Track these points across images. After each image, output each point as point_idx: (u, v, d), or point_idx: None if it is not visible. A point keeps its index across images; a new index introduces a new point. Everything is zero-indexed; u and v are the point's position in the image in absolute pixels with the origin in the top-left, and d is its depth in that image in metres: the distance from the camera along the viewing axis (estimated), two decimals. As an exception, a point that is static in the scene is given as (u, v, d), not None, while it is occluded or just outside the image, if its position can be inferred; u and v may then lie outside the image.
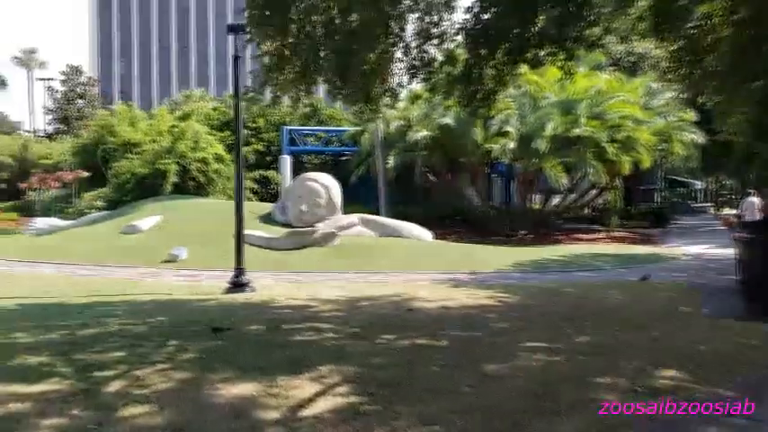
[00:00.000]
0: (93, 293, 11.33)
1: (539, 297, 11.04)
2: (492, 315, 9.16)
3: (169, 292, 11.58)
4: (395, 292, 11.27)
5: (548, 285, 12.80)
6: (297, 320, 8.53)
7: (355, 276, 14.31)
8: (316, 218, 19.26)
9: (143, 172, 26.77)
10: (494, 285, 12.76)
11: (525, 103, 23.85)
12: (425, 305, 9.93)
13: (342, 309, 9.59)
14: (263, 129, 34.88)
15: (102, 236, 19.54)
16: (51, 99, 53.94)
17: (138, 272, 15.07)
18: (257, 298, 10.51)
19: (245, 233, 18.16)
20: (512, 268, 15.98)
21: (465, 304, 10.06)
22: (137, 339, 7.40)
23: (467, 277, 14.36)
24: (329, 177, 20.94)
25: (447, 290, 11.90)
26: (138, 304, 10.04)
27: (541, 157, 22.63)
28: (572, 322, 8.61)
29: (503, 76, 10.08)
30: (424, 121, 24.61)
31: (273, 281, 13.63)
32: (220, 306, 9.79)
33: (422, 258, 16.64)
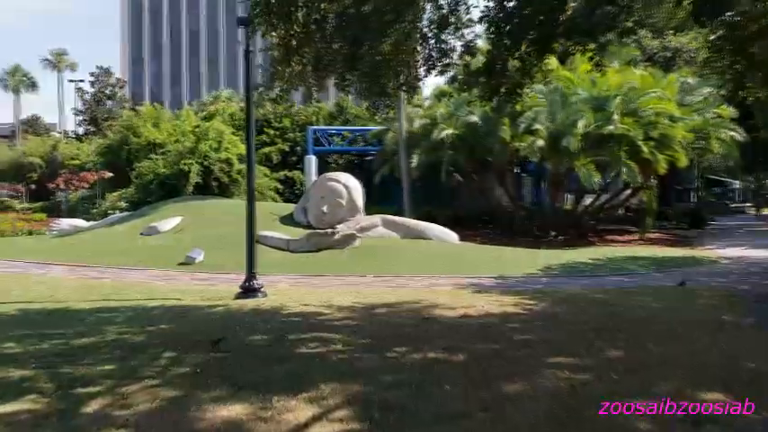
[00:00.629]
0: (102, 298, 10.94)
1: (567, 304, 10.34)
2: (515, 325, 8.50)
3: (179, 296, 11.13)
4: (414, 299, 10.66)
5: (577, 291, 12.08)
6: (305, 330, 7.98)
7: (374, 280, 13.74)
8: (337, 219, 18.72)
9: (166, 172, 26.61)
10: (520, 291, 12.08)
11: (555, 99, 23.01)
12: (444, 313, 9.30)
13: (355, 317, 9.01)
14: (289, 129, 34.54)
15: (121, 237, 19.28)
16: (81, 100, 54.39)
17: (153, 275, 14.69)
18: (268, 304, 9.99)
19: (263, 234, 17.88)
20: (540, 272, 15.26)
21: (487, 312, 9.40)
22: (132, 350, 6.93)
23: (492, 282, 13.69)
24: (351, 177, 20.40)
25: (469, 296, 11.25)
26: (144, 310, 9.59)
27: (572, 156, 21.80)
28: (602, 334, 7.92)
29: (528, 69, 9.42)
30: (449, 119, 23.92)
31: (288, 285, 13.13)
32: (228, 313, 9.29)
33: (445, 261, 16.00)
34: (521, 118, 22.04)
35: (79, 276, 14.36)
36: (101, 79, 54.60)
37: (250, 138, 11.34)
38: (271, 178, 29.95)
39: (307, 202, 20.01)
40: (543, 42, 8.94)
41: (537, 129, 22.06)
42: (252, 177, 11.44)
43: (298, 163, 32.54)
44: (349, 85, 8.13)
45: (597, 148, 22.31)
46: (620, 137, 21.94)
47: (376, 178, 27.38)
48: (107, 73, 55.43)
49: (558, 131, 22.10)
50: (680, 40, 29.59)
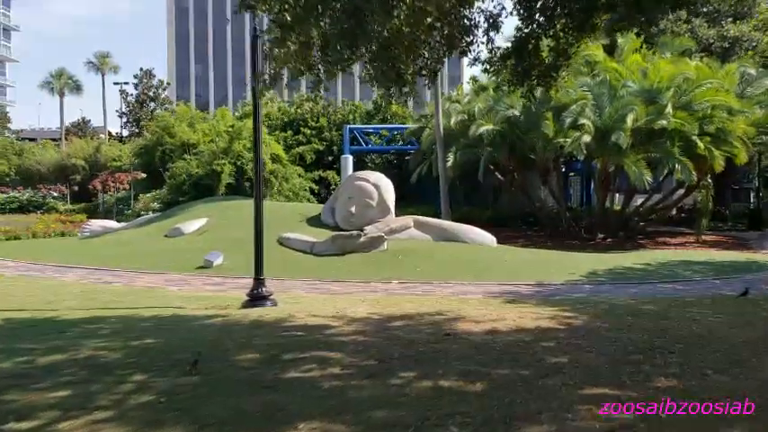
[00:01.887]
0: (100, 306, 10.17)
1: (612, 318, 9.07)
2: (549, 344, 7.31)
3: (183, 304, 10.28)
4: (438, 309, 9.55)
5: (624, 302, 10.79)
6: (305, 347, 6.97)
7: (399, 287, 12.68)
8: (365, 220, 17.69)
9: (199, 173, 26.08)
10: (559, 301, 10.86)
11: (602, 92, 21.58)
12: (469, 328, 8.16)
13: (366, 331, 7.96)
14: (325, 128, 33.76)
15: (145, 239, 18.68)
16: (124, 102, 54.81)
17: (167, 279, 13.96)
18: (273, 314, 9.02)
19: (285, 236, 17.00)
20: (584, 279, 13.97)
21: (519, 327, 8.23)
22: (99, 371, 6.03)
23: (529, 290, 12.48)
24: (382, 176, 19.35)
25: (501, 307, 10.07)
26: (136, 321, 8.73)
27: (621, 153, 20.34)
28: (651, 356, 6.70)
29: (565, 49, 8.23)
30: (487, 114, 22.65)
31: (305, 291, 12.20)
32: (225, 325, 8.35)
33: (479, 266, 14.83)
34: (565, 112, 20.70)
35: (91, 281, 13.71)
36: (144, 81, 54.95)
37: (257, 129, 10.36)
38: (305, 179, 29.16)
39: (335, 203, 19.05)
40: (581, 18, 7.74)
41: (583, 124, 20.66)
42: (259, 173, 10.50)
43: (334, 163, 31.73)
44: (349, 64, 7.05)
45: (648, 144, 20.82)
46: (674, 132, 20.41)
47: (412, 178, 26.32)
48: (150, 75, 55.75)
49: (605, 126, 20.68)
50: (740, 29, 27.65)
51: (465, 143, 23.02)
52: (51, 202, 40.07)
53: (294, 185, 27.99)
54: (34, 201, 39.89)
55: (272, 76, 7.49)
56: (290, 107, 37.26)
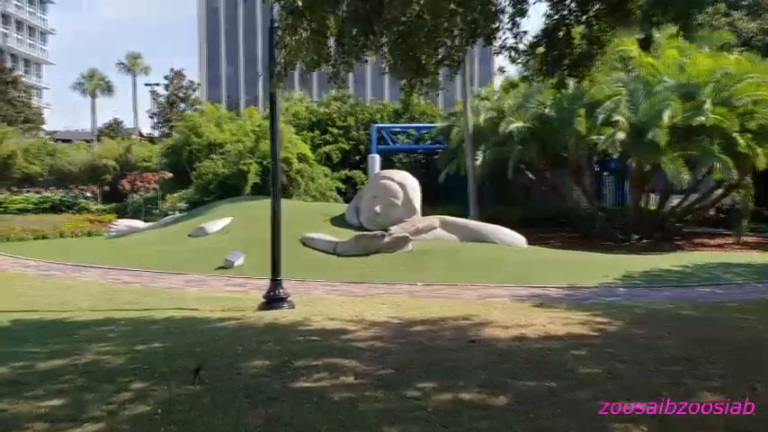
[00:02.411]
0: (114, 307, 9.90)
1: (648, 324, 8.50)
2: (580, 352, 6.79)
3: (198, 306, 9.96)
4: (462, 314, 9.07)
5: (661, 306, 10.18)
6: (318, 354, 6.56)
7: (423, 290, 12.22)
8: (391, 220, 17.24)
9: (225, 173, 25.89)
10: (591, 305, 10.29)
11: (637, 88, 20.76)
12: (495, 334, 7.67)
13: (385, 336, 7.52)
14: (353, 127, 33.40)
15: (169, 239, 18.50)
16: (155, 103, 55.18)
17: (187, 279, 13.70)
18: (289, 317, 8.62)
19: (308, 236, 16.64)
20: (619, 281, 13.35)
21: (547, 334, 7.71)
22: (97, 378, 5.70)
23: (560, 293, 11.93)
24: (408, 175, 18.89)
25: (529, 311, 9.54)
26: (147, 323, 8.42)
27: (658, 151, 19.55)
28: (691, 366, 6.17)
29: (598, 37, 7.69)
30: (518, 111, 22.00)
31: (324, 292, 11.81)
32: (239, 328, 7.97)
33: (508, 268, 14.27)
34: (598, 109, 19.98)
35: (109, 281, 13.51)
36: (174, 82, 55.24)
37: (275, 124, 9.99)
38: (332, 178, 28.82)
39: (359, 202, 18.62)
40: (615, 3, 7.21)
41: (617, 120, 19.92)
42: (276, 171, 10.13)
43: (361, 162, 31.33)
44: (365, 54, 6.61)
45: (686, 141, 19.99)
46: (713, 129, 19.55)
47: (440, 177, 25.78)
48: (180, 76, 56.02)
49: (641, 123, 19.90)
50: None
51: (494, 141, 22.40)
52: (83, 202, 40.34)
53: (321, 185, 27.65)
54: (66, 201, 40.21)
55: (284, 66, 7.08)
56: (319, 107, 37.02)
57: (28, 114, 55.11)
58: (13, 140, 46.56)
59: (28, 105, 56.73)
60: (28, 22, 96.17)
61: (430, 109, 35.14)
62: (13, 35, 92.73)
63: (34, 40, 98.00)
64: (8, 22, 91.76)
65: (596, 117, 20.06)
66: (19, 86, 56.48)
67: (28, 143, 47.38)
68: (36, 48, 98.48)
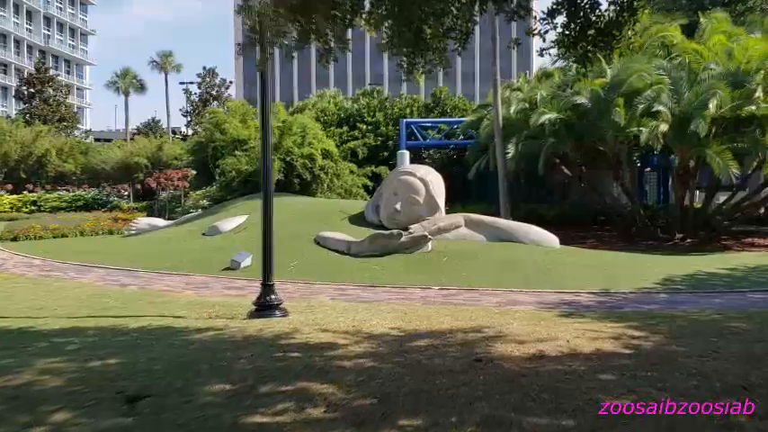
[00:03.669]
0: (93, 313, 9.07)
1: (693, 339, 7.25)
2: (609, 376, 5.62)
3: (185, 312, 9.05)
4: (476, 324, 7.95)
5: (708, 317, 8.91)
6: (292, 375, 5.54)
7: (438, 295, 11.11)
8: (412, 218, 16.13)
9: (248, 170, 25.09)
10: (627, 315, 9.07)
11: (681, 76, 19.29)
12: (509, 351, 6.55)
13: (378, 353, 6.46)
14: (382, 123, 32.40)
15: (182, 238, 17.76)
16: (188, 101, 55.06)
17: (188, 281, 12.87)
18: (277, 328, 7.62)
19: (322, 235, 15.65)
20: (659, 286, 12.05)
21: (572, 350, 6.55)
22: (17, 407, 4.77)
23: (592, 300, 10.70)
24: (430, 170, 17.76)
25: (554, 321, 8.37)
26: (116, 333, 7.50)
27: (703, 143, 18.08)
28: (748, 395, 4.95)
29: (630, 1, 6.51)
30: (551, 102, 20.63)
31: (330, 297, 10.81)
32: (214, 341, 7.00)
33: (536, 271, 13.05)
34: (638, 98, 18.57)
35: (107, 282, 12.75)
36: (207, 80, 55.01)
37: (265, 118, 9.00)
38: (358, 175, 27.83)
39: (380, 199, 17.56)
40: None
41: (659, 110, 18.47)
42: (268, 166, 9.14)
43: (390, 159, 30.28)
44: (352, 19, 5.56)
45: (734, 132, 18.49)
46: (764, 119, 18.02)
47: (470, 174, 24.57)
48: (213, 74, 55.76)
49: (684, 113, 18.44)
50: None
51: (526, 134, 21.08)
52: (115, 200, 40.29)
53: (346, 182, 26.69)
54: (99, 199, 40.21)
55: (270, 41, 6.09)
56: (348, 102, 36.17)
57: (63, 113, 55.51)
58: (47, 139, 46.92)
59: (63, 104, 57.16)
60: (69, 24, 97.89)
61: (462, 103, 33.98)
62: (56, 37, 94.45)
63: (75, 42, 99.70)
64: (50, 24, 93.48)
65: (636, 107, 18.66)
66: (55, 85, 56.93)
67: (62, 142, 47.64)
68: (77, 49, 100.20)
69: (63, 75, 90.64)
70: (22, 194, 40.28)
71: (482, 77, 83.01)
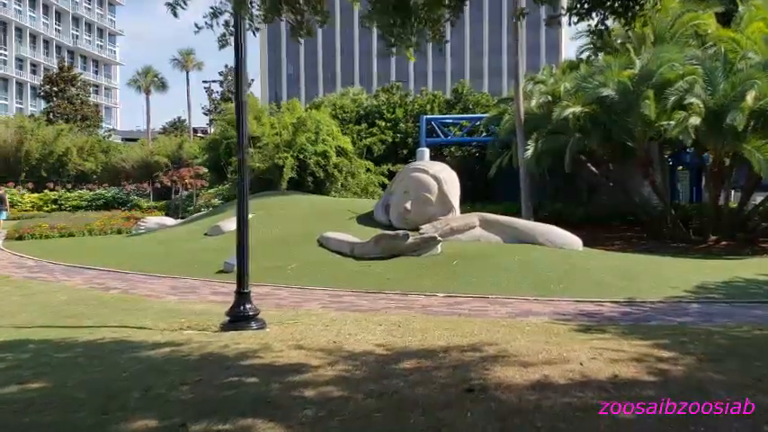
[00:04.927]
0: (53, 322, 8.22)
1: (732, 362, 6.10)
2: (628, 415, 4.52)
3: (154, 322, 8.13)
4: (476, 340, 6.88)
5: (748, 333, 7.72)
6: (237, 409, 4.55)
7: (442, 303, 10.05)
8: (423, 218, 15.07)
9: (261, 167, 24.24)
10: (654, 329, 7.94)
11: (715, 66, 17.94)
12: (507, 376, 5.47)
13: (353, 378, 5.43)
14: (401, 119, 31.35)
15: (183, 238, 16.98)
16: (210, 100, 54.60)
17: (173, 285, 12.03)
18: (245, 344, 6.62)
19: (325, 236, 14.66)
20: (691, 294, 10.84)
21: (585, 377, 5.46)
22: None
23: (615, 310, 9.55)
24: (444, 167, 16.67)
25: (568, 337, 7.25)
26: (61, 348, 6.58)
27: (739, 137, 16.73)
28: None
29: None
30: (576, 94, 19.35)
31: (321, 305, 9.84)
32: (166, 360, 6.02)
33: (555, 276, 11.88)
34: (669, 89, 17.27)
35: (91, 286, 11.97)
36: (228, 78, 54.46)
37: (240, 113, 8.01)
38: (375, 173, 26.81)
39: (390, 198, 16.51)
40: None
41: (691, 103, 17.17)
42: (244, 161, 8.15)
43: (409, 156, 29.21)
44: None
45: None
46: (809, 111, 16.62)
47: (491, 172, 23.40)
48: (234, 72, 55.12)
49: (719, 106, 17.13)
50: None
51: (549, 129, 19.86)
52: (135, 199, 39.88)
53: (362, 180, 25.70)
54: (119, 198, 39.84)
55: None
56: (366, 99, 35.21)
57: (86, 112, 55.40)
58: (68, 138, 46.73)
59: (86, 103, 57.08)
60: (98, 24, 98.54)
61: (485, 99, 32.75)
62: (84, 37, 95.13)
63: (104, 42, 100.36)
64: (79, 24, 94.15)
65: (667, 100, 17.39)
66: (78, 84, 56.88)
67: (82, 140, 47.41)
68: (105, 49, 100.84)
69: (91, 75, 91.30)
70: (43, 193, 40.10)
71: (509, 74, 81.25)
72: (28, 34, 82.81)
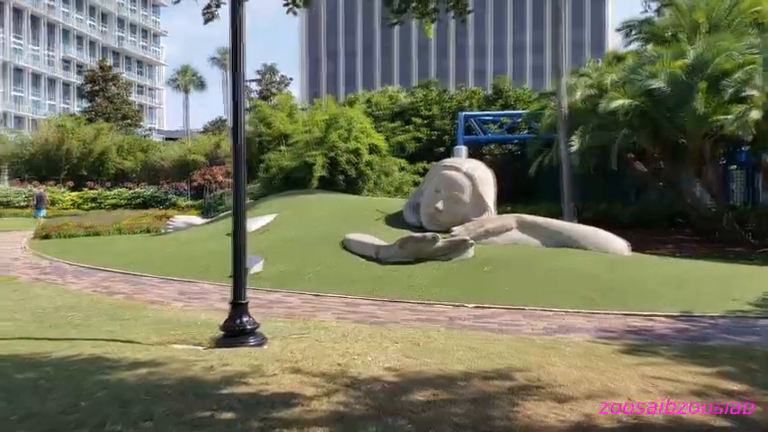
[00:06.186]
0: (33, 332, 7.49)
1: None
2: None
3: (146, 333, 7.33)
4: (503, 366, 5.86)
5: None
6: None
7: (470, 315, 9.03)
8: (456, 219, 14.03)
9: (290, 165, 23.51)
10: (716, 351, 6.80)
11: (780, 54, 16.46)
12: (540, 415, 4.46)
13: (349, 416, 4.47)
14: (437, 116, 30.31)
15: (205, 238, 16.29)
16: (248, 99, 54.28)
17: (182, 290, 11.31)
18: (233, 365, 5.71)
19: (348, 238, 13.73)
20: (756, 308, 9.60)
21: (636, 419, 4.40)
22: None
23: (669, 326, 8.41)
24: (478, 164, 15.60)
25: (613, 362, 6.16)
26: (25, 367, 5.75)
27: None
28: None
29: None
30: (623, 86, 17.97)
31: (335, 315, 8.95)
32: (138, 384, 5.14)
33: (599, 286, 10.70)
34: (726, 81, 15.86)
35: (96, 289, 11.30)
36: (266, 77, 54.15)
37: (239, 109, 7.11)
38: (409, 171, 25.83)
39: (419, 197, 15.51)
40: None
41: (750, 95, 15.72)
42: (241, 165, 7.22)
43: (446, 155, 28.14)
44: None
45: None
46: None
47: (531, 170, 22.17)
48: (272, 71, 54.84)
49: (782, 98, 15.64)
50: None
51: (595, 124, 18.50)
52: (173, 197, 39.76)
53: (395, 179, 24.75)
54: (156, 196, 39.79)
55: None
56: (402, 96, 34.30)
57: (127, 111, 55.71)
58: (108, 137, 46.97)
59: (126, 102, 57.43)
60: (141, 25, 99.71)
61: (527, 95, 31.45)
62: (128, 38, 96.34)
63: (147, 42, 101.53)
64: (123, 25, 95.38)
65: (723, 92, 15.95)
66: (119, 84, 57.27)
67: (121, 139, 47.59)
68: (149, 49, 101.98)
69: (135, 75, 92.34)
70: (82, 191, 40.35)
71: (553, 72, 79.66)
72: (74, 36, 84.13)
